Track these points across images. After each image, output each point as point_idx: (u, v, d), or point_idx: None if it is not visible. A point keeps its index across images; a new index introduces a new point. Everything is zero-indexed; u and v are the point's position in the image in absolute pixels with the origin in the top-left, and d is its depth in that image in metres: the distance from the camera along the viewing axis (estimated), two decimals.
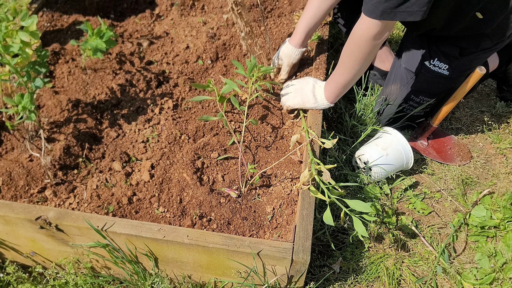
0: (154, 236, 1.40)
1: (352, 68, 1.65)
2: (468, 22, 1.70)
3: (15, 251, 1.68)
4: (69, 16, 2.32)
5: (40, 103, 1.89)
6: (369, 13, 1.48)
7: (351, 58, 1.62)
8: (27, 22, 1.44)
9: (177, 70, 2.05)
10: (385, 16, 1.45)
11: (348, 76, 1.68)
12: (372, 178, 1.99)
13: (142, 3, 2.45)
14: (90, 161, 1.72)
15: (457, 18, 1.70)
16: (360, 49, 1.58)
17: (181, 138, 1.78)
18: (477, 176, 2.12)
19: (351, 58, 1.62)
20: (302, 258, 1.33)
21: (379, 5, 1.43)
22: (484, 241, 1.87)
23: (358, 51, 1.59)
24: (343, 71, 1.68)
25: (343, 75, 1.69)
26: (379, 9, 1.44)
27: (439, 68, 1.89)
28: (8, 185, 1.62)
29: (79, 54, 2.12)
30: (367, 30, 1.52)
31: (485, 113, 2.41)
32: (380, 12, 1.45)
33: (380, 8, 1.44)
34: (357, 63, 1.63)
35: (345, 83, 1.70)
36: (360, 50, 1.58)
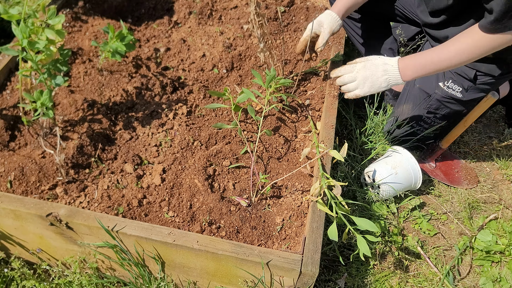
0: (164, 239, 1.40)
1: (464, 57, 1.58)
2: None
3: (22, 247, 1.68)
4: (87, 18, 2.35)
5: (55, 101, 1.90)
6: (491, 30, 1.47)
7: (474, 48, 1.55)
8: (54, 21, 1.45)
9: (193, 77, 2.07)
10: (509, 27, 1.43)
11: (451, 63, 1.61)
12: (380, 196, 2.00)
13: (160, 10, 2.47)
14: (102, 162, 1.73)
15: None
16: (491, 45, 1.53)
17: (193, 144, 1.79)
18: (484, 200, 2.13)
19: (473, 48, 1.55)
20: (311, 271, 1.33)
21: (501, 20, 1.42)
22: (489, 266, 1.87)
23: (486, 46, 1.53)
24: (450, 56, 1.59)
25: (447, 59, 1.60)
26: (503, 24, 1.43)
27: (452, 90, 1.91)
28: (19, 180, 1.62)
29: (96, 55, 2.14)
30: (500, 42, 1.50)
31: (493, 139, 2.43)
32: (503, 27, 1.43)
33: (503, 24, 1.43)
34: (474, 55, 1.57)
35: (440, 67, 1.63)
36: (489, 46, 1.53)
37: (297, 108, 1.95)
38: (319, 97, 1.97)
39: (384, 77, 1.68)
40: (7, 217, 1.52)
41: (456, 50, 1.58)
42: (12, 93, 1.93)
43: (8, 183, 1.61)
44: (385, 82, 1.69)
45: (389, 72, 1.68)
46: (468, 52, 1.57)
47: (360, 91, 1.73)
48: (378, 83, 1.70)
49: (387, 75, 1.68)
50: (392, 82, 1.69)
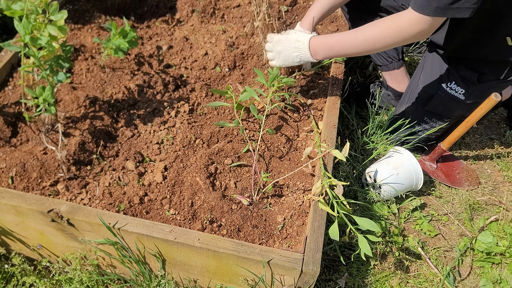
0: (165, 237, 1.40)
1: (370, 46, 1.60)
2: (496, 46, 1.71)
3: (22, 243, 1.68)
4: (90, 15, 2.35)
5: (57, 98, 1.90)
6: (421, 9, 1.46)
7: (379, 38, 1.57)
8: (57, 17, 1.45)
9: (195, 75, 2.07)
10: (438, 13, 1.44)
11: (358, 49, 1.63)
12: (381, 196, 1.99)
13: (163, 8, 2.47)
14: (104, 159, 1.73)
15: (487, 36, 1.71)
16: (397, 38, 1.54)
17: (195, 142, 1.79)
18: (485, 202, 2.12)
19: (378, 38, 1.57)
20: (312, 270, 1.33)
21: (433, 1, 1.43)
22: (489, 267, 1.87)
23: (392, 37, 1.55)
24: (357, 42, 1.62)
25: (354, 45, 1.63)
26: (433, 5, 1.43)
27: (455, 91, 1.91)
28: (21, 176, 1.62)
29: (98, 52, 2.14)
30: (415, 25, 1.50)
31: (495, 140, 2.42)
32: (434, 9, 1.44)
33: (434, 5, 1.43)
34: (379, 46, 1.59)
35: (348, 52, 1.66)
36: (395, 38, 1.54)
37: (299, 108, 1.95)
38: (322, 96, 1.97)
39: (295, 54, 1.73)
40: (8, 213, 1.52)
41: (362, 38, 1.61)
42: (14, 89, 1.93)
43: (10, 179, 1.61)
44: (297, 58, 1.74)
45: (300, 50, 1.72)
46: (373, 41, 1.58)
47: (276, 62, 1.78)
48: (291, 59, 1.75)
49: (298, 52, 1.72)
50: (304, 59, 1.74)
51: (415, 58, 2.78)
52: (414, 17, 1.50)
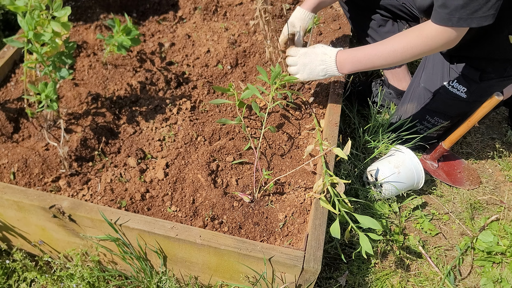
0: (166, 233, 1.40)
1: (398, 58, 1.60)
2: (497, 45, 1.71)
3: (24, 238, 1.68)
4: (92, 12, 2.35)
5: (60, 94, 1.90)
6: (443, 22, 1.47)
7: (407, 49, 1.57)
8: (60, 13, 1.45)
9: (197, 72, 2.07)
10: (462, 23, 1.44)
11: (386, 61, 1.63)
12: (382, 195, 2.00)
13: (165, 5, 2.47)
14: (106, 155, 1.73)
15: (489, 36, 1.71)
16: (424, 47, 1.55)
17: (197, 140, 1.79)
18: (486, 201, 2.13)
19: (406, 49, 1.57)
20: (313, 267, 1.33)
21: (456, 12, 1.43)
22: (490, 267, 1.87)
23: (419, 47, 1.55)
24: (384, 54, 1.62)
25: (382, 57, 1.62)
26: (455, 16, 1.44)
27: (457, 90, 1.91)
28: (23, 172, 1.62)
29: (100, 49, 2.14)
30: (441, 36, 1.51)
31: (496, 140, 2.42)
32: (457, 20, 1.44)
33: (456, 16, 1.43)
34: (407, 56, 1.59)
35: (376, 65, 1.66)
36: (422, 48, 1.55)
37: (301, 106, 1.95)
38: (323, 95, 1.97)
39: (321, 67, 1.70)
40: (10, 209, 1.53)
41: (390, 49, 1.60)
42: (16, 85, 1.93)
43: (12, 174, 1.61)
44: (322, 72, 1.71)
45: (326, 63, 1.69)
46: (401, 52, 1.58)
47: (300, 76, 1.75)
48: (316, 72, 1.72)
49: (324, 65, 1.70)
50: (329, 73, 1.71)
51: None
52: (439, 29, 1.50)
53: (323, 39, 2.26)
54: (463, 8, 1.42)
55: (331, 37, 2.25)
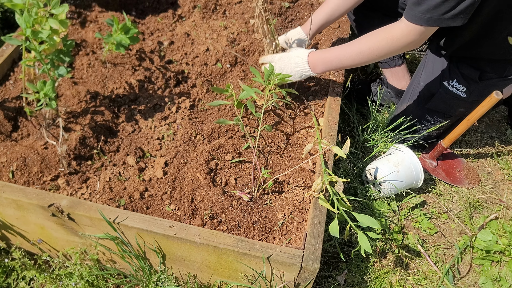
0: (165, 232, 1.40)
1: (365, 58, 1.65)
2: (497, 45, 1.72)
3: (23, 237, 1.68)
4: (91, 10, 2.34)
5: (58, 93, 1.90)
6: (414, 20, 1.50)
7: (373, 50, 1.62)
8: (58, 10, 1.45)
9: (196, 71, 2.06)
10: (431, 23, 1.47)
11: (354, 62, 1.69)
12: (381, 194, 2.00)
13: (164, 3, 2.47)
14: (105, 154, 1.73)
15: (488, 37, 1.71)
16: (389, 48, 1.59)
17: (196, 138, 1.79)
18: (485, 200, 2.13)
19: (372, 50, 1.62)
20: (312, 266, 1.33)
21: (427, 12, 1.45)
22: (488, 265, 1.87)
23: (385, 49, 1.60)
24: (352, 55, 1.67)
25: (350, 58, 1.68)
26: (426, 16, 1.46)
27: (457, 89, 1.91)
28: (21, 171, 1.62)
29: (99, 48, 2.14)
30: (407, 36, 1.54)
31: (495, 139, 2.42)
32: (427, 19, 1.47)
33: (427, 15, 1.46)
34: (373, 57, 1.64)
35: (345, 64, 1.71)
36: (388, 49, 1.59)
37: (300, 104, 1.94)
38: (322, 93, 1.97)
39: (296, 69, 1.78)
40: (9, 207, 1.52)
41: (357, 50, 1.67)
42: (15, 84, 1.93)
43: (10, 173, 1.61)
44: (297, 74, 1.79)
45: (300, 65, 1.77)
46: (368, 53, 1.64)
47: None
48: (292, 74, 1.79)
49: (299, 67, 1.77)
50: (304, 74, 1.78)
51: (416, 56, 2.78)
52: (406, 28, 1.53)
53: (322, 37, 2.26)
54: (435, 8, 1.44)
55: (330, 35, 2.25)
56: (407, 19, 1.52)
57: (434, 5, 1.44)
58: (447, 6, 1.43)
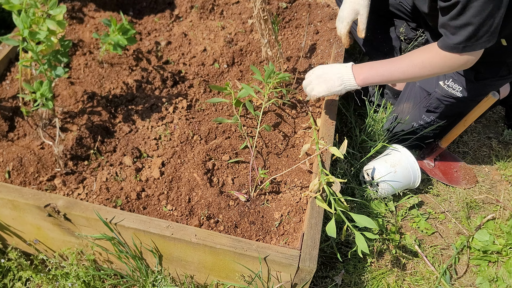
0: (162, 232, 1.40)
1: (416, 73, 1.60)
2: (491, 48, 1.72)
3: (19, 237, 1.67)
4: (88, 10, 2.34)
5: (55, 93, 1.89)
6: (450, 49, 1.50)
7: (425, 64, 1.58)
8: (56, 11, 1.45)
9: (193, 71, 2.06)
10: (469, 49, 1.48)
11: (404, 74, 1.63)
12: (379, 194, 2.00)
13: (162, 3, 2.46)
14: (101, 154, 1.73)
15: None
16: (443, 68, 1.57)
17: (193, 139, 1.79)
18: (482, 200, 2.13)
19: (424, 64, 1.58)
20: (309, 267, 1.33)
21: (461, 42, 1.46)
22: (485, 266, 1.87)
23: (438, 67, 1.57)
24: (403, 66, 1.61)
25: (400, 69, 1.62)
26: (461, 46, 1.47)
27: (453, 89, 1.91)
28: (18, 171, 1.61)
29: (96, 48, 2.13)
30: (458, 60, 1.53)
31: (493, 139, 2.43)
32: (462, 48, 1.48)
33: (461, 45, 1.47)
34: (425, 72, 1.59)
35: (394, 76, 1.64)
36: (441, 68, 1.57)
37: (297, 104, 1.94)
38: None
39: (337, 76, 1.67)
40: (5, 207, 1.52)
41: (409, 64, 1.60)
42: (11, 84, 1.92)
43: (6, 173, 1.61)
44: (338, 81, 1.68)
45: (342, 73, 1.67)
46: (421, 66, 1.58)
47: (317, 89, 1.71)
48: (332, 82, 1.68)
49: (340, 74, 1.67)
50: (346, 82, 1.67)
51: None
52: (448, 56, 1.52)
53: (319, 37, 2.26)
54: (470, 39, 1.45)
55: (327, 35, 2.25)
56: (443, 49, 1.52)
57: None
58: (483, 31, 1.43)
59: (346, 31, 1.92)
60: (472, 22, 1.40)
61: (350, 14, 1.88)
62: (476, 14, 1.38)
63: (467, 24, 1.41)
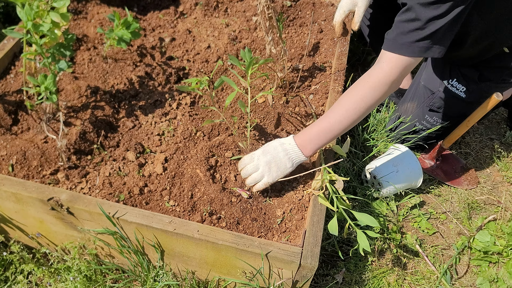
0: (164, 227, 1.40)
1: (352, 116, 1.47)
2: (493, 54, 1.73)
3: (21, 230, 1.68)
4: (93, 5, 2.34)
5: (59, 87, 1.89)
6: (402, 50, 1.40)
7: (360, 103, 1.45)
8: (59, 4, 1.45)
9: (197, 68, 2.06)
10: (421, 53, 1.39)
11: (343, 125, 1.49)
12: (380, 193, 2.00)
13: (166, 0, 2.47)
14: (105, 149, 1.73)
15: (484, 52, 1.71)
16: (376, 93, 1.43)
17: (196, 135, 1.79)
18: (483, 201, 2.13)
19: (359, 104, 1.45)
20: (310, 264, 1.34)
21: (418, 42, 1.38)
22: (486, 266, 1.87)
23: (372, 95, 1.44)
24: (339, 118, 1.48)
25: (338, 122, 1.48)
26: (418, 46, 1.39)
27: (456, 89, 1.91)
28: (21, 164, 1.62)
29: (100, 43, 2.14)
30: (394, 70, 1.41)
31: (495, 140, 2.43)
32: (418, 49, 1.39)
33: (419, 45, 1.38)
34: (364, 109, 1.47)
35: (335, 132, 1.50)
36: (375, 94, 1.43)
37: (300, 103, 1.94)
38: (323, 92, 1.97)
39: (287, 157, 1.53)
40: (8, 200, 1.52)
41: (342, 110, 1.48)
42: (16, 77, 1.93)
43: (10, 166, 1.61)
44: (289, 162, 1.53)
45: (289, 151, 1.53)
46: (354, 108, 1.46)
47: (268, 177, 1.55)
48: (283, 165, 1.54)
49: (288, 154, 1.53)
50: (296, 160, 1.54)
51: None
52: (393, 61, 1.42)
53: (323, 36, 2.26)
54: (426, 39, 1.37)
55: (331, 34, 2.25)
56: (392, 50, 1.42)
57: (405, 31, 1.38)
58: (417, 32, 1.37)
59: (340, 20, 1.93)
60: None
61: (348, 4, 1.89)
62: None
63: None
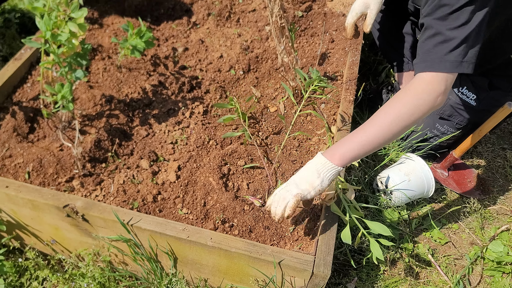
0: (178, 235, 1.41)
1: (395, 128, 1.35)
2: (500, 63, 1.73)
3: (36, 237, 1.70)
4: (108, 16, 2.38)
5: (75, 96, 1.93)
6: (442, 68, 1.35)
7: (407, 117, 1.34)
8: (77, 14, 1.48)
9: (210, 77, 2.09)
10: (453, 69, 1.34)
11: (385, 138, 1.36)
12: (392, 202, 2.00)
13: (179, 10, 2.50)
14: (119, 157, 1.75)
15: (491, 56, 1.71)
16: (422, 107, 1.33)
17: (209, 143, 1.81)
18: (496, 211, 2.12)
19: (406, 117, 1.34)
20: (323, 272, 1.34)
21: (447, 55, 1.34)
22: (499, 277, 1.86)
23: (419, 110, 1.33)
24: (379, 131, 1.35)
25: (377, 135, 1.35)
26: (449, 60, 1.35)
27: (466, 97, 1.91)
28: (37, 172, 1.65)
29: (115, 53, 2.17)
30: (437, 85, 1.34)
31: (507, 150, 2.41)
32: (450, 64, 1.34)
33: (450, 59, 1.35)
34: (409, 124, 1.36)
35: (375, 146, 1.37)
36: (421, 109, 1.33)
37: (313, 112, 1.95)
38: (335, 101, 1.98)
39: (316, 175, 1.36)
40: (25, 207, 1.55)
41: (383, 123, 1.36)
42: (32, 86, 1.96)
43: (27, 174, 1.64)
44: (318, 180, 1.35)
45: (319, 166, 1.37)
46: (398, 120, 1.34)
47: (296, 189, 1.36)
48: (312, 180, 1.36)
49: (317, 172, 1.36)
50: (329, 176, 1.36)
51: None
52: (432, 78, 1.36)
53: (335, 46, 2.28)
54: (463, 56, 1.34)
55: (343, 44, 2.27)
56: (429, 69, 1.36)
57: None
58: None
59: (352, 21, 1.94)
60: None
61: (360, 7, 1.90)
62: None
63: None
